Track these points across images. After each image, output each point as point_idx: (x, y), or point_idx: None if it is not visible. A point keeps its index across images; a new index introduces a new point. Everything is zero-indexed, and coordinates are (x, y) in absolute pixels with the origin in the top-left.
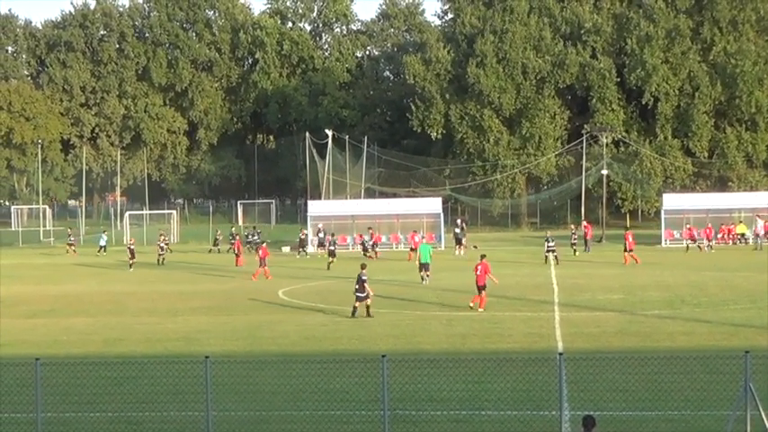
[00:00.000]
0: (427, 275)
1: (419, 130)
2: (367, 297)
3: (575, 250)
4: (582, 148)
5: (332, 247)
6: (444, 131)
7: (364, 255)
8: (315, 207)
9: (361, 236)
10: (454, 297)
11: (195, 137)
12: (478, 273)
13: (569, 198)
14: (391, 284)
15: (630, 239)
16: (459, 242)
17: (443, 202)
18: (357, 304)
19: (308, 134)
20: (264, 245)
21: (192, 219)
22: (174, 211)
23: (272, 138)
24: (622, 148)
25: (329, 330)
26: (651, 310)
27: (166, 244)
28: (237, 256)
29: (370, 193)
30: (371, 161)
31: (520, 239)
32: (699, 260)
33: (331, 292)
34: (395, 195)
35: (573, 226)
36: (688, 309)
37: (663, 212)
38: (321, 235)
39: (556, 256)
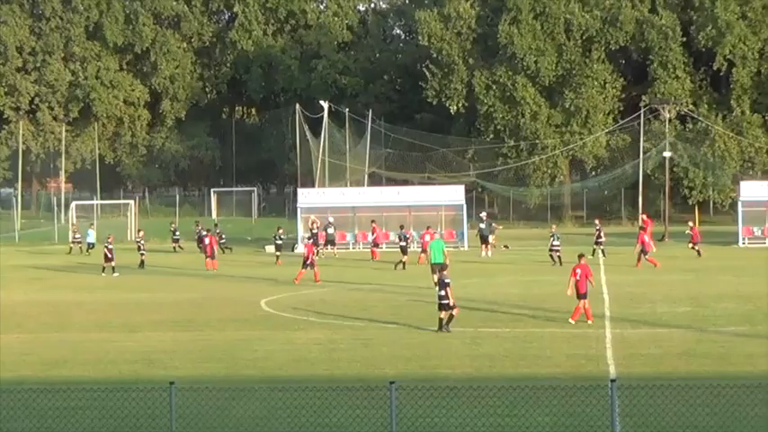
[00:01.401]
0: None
1: (436, 102)
2: (454, 306)
3: (593, 250)
4: (639, 124)
5: (330, 231)
6: (467, 104)
7: (402, 254)
8: (306, 197)
9: (404, 234)
10: (480, 309)
11: (158, 110)
12: (578, 277)
13: (623, 187)
14: (400, 293)
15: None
16: (485, 240)
17: (467, 191)
18: (443, 315)
19: (298, 106)
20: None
21: (154, 211)
22: (132, 202)
23: (253, 111)
24: (689, 125)
25: (324, 350)
26: (726, 326)
27: (142, 242)
28: (209, 256)
29: (375, 180)
30: (377, 140)
31: (563, 238)
32: None
33: (326, 302)
34: (406, 183)
35: (597, 221)
36: None
37: (740, 204)
38: (316, 230)
39: (559, 257)
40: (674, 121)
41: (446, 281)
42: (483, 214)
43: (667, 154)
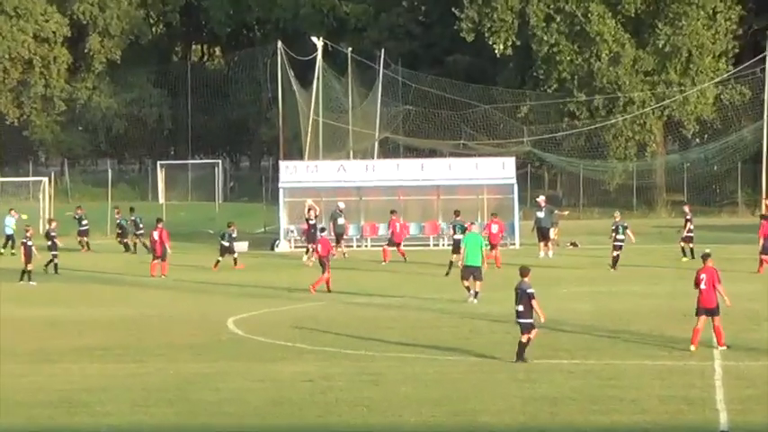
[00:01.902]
0: (476, 290)
1: (474, 40)
2: (532, 326)
3: (684, 250)
4: (764, 71)
5: (341, 221)
6: (519, 42)
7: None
8: (292, 173)
9: (461, 225)
10: (541, 332)
11: (83, 49)
12: (704, 286)
13: (739, 160)
14: (424, 308)
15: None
16: (544, 236)
17: (519, 166)
18: (524, 338)
19: (280, 45)
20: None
21: (76, 192)
22: (46, 180)
23: (217, 51)
24: None
25: (316, 390)
26: None
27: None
28: (158, 257)
29: (389, 149)
30: (392, 93)
31: (653, 232)
32: None
33: (320, 321)
34: (433, 154)
35: (687, 208)
36: None
37: None
38: (314, 219)
39: (616, 257)
40: None
41: (529, 291)
42: (541, 199)
43: None
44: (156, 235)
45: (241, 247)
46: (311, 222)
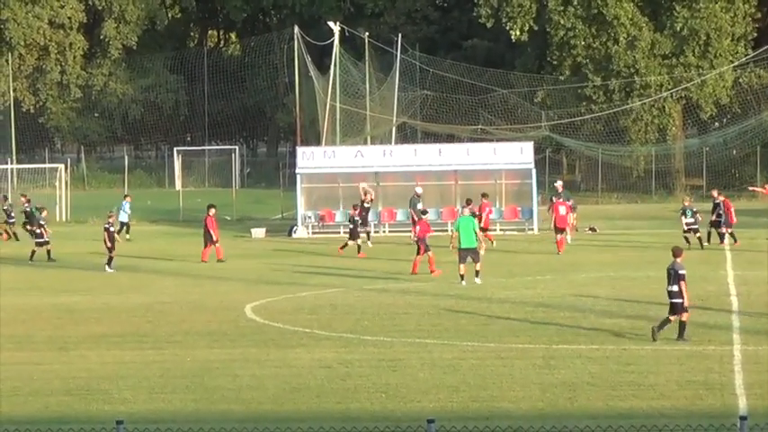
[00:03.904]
0: (477, 271)
1: (492, 25)
2: (685, 308)
3: (722, 234)
4: None
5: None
6: (537, 27)
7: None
8: (309, 159)
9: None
10: (555, 318)
11: (99, 35)
12: None
13: (759, 144)
14: (443, 294)
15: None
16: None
17: (537, 151)
18: (673, 318)
19: (297, 30)
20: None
21: (93, 179)
22: (62, 166)
23: (233, 37)
24: None
25: (335, 376)
26: None
27: (42, 225)
28: (213, 243)
29: (407, 134)
30: (410, 78)
31: (671, 217)
32: None
33: (337, 307)
34: (451, 139)
35: (716, 192)
36: None
37: None
38: (369, 203)
39: (699, 238)
40: None
41: (681, 271)
42: (559, 184)
43: None
44: (208, 221)
45: (258, 233)
46: (366, 206)
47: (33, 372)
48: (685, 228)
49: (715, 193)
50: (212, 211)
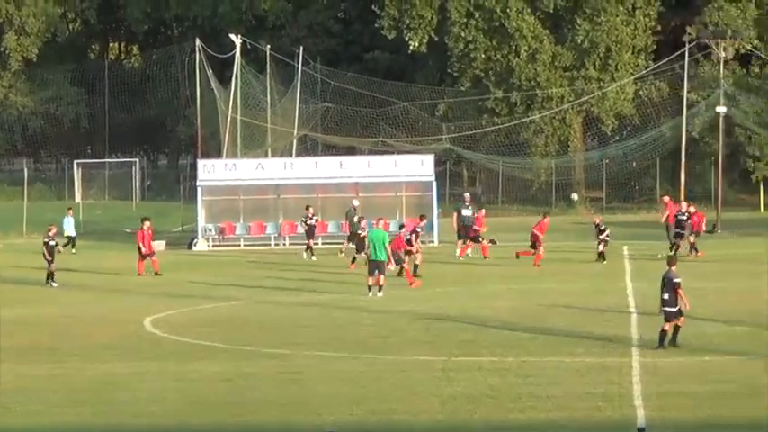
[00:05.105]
0: (380, 285)
1: (394, 37)
2: (680, 314)
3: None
4: (682, 67)
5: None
6: (438, 39)
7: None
8: (210, 171)
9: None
10: (456, 330)
11: None
12: None
13: (659, 156)
14: (344, 306)
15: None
16: (467, 233)
17: (438, 163)
18: (667, 326)
19: (198, 43)
20: None
21: None
22: None
23: (135, 49)
24: (755, 68)
25: (234, 389)
26: None
27: None
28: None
29: (308, 147)
30: (311, 90)
31: (572, 229)
32: None
33: (237, 320)
34: (352, 151)
35: (685, 204)
36: None
37: None
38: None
39: (602, 252)
40: (731, 64)
41: (676, 279)
42: (466, 195)
43: (722, 110)
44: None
45: (158, 245)
46: (310, 223)
47: None
48: (600, 248)
49: (684, 205)
50: (146, 224)
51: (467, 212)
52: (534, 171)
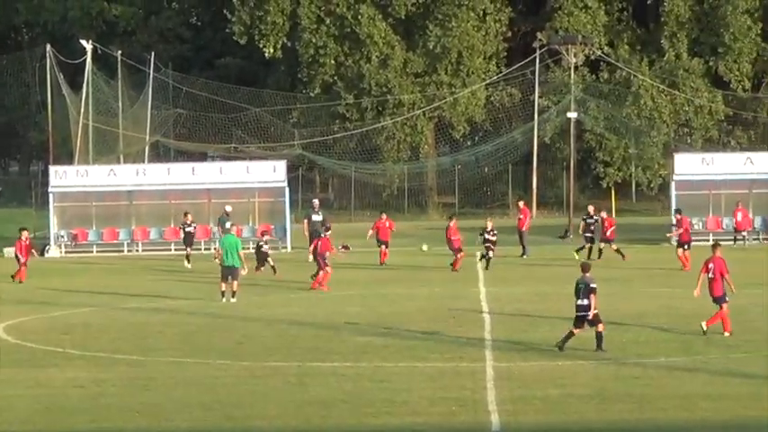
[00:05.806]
0: (234, 290)
1: (246, 42)
2: (597, 320)
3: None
4: (533, 73)
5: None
6: (289, 44)
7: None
8: (62, 177)
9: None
10: (307, 336)
11: None
12: (712, 274)
13: (511, 162)
14: (198, 313)
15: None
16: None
17: (290, 169)
18: (577, 331)
19: (49, 48)
20: None
21: None
22: None
23: None
24: (604, 74)
25: (88, 395)
26: (654, 356)
27: None
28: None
29: (160, 153)
30: (163, 96)
31: (425, 234)
32: (750, 267)
33: (91, 327)
34: (204, 157)
35: (592, 208)
36: (718, 354)
37: (673, 186)
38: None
39: (488, 257)
40: (581, 69)
41: (592, 285)
42: (315, 202)
43: (572, 115)
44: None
45: (10, 252)
46: (189, 229)
47: None
48: (486, 252)
49: (591, 209)
50: (24, 234)
51: (317, 218)
52: (387, 177)
